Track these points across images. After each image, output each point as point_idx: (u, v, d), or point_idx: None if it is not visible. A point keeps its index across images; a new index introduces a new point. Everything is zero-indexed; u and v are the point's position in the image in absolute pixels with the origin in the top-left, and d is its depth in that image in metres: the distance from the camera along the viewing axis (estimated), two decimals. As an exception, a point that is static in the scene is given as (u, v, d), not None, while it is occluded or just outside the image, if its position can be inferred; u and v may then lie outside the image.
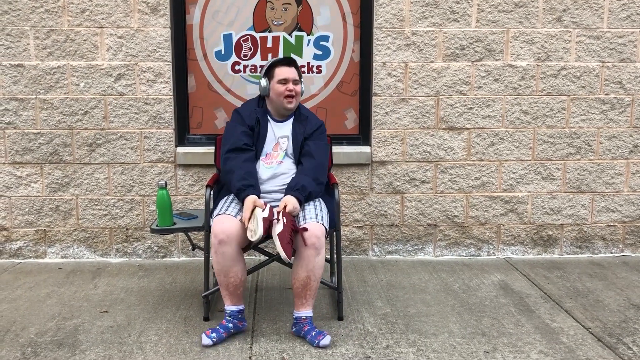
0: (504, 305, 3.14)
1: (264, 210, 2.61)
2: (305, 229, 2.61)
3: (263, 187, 2.81)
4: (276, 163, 2.86)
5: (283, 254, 2.52)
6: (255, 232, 2.54)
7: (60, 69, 3.72)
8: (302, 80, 2.96)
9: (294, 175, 2.84)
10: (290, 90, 2.84)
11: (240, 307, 2.74)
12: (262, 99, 2.99)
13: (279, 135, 2.91)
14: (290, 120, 2.95)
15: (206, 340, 2.63)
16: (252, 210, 2.62)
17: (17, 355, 2.57)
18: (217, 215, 2.70)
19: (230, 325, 2.71)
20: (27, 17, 3.67)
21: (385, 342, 2.71)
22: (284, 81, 2.85)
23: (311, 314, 2.73)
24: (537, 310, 3.08)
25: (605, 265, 3.85)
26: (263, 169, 2.84)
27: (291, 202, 2.67)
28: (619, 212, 4.02)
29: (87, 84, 3.75)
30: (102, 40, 3.71)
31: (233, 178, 2.74)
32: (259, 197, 2.71)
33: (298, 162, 2.88)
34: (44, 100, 3.75)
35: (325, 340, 2.64)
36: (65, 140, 3.79)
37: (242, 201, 2.70)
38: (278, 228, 2.57)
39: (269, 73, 2.90)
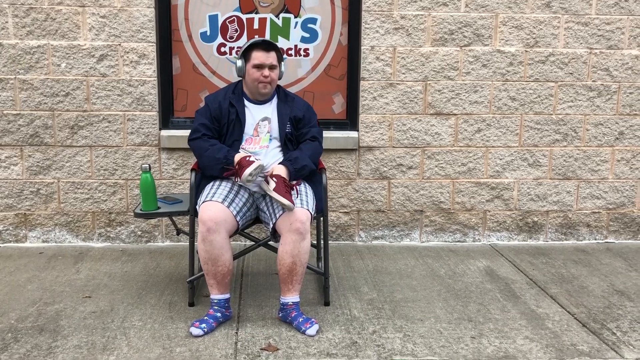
0: (489, 291, 3.15)
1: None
2: (299, 183, 2.67)
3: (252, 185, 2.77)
4: (259, 147, 2.79)
5: (287, 202, 2.52)
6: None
7: (41, 48, 3.62)
8: (282, 62, 2.88)
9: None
10: (265, 77, 2.77)
11: (227, 296, 2.71)
12: (238, 83, 2.93)
13: (259, 117, 2.85)
14: (273, 102, 2.90)
15: (197, 331, 2.57)
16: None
17: (-3, 341, 2.51)
18: (204, 201, 2.65)
19: (219, 314, 2.67)
20: (6, -5, 3.56)
21: (372, 327, 2.70)
22: (260, 66, 2.77)
23: (298, 300, 2.71)
24: (523, 296, 3.09)
25: (589, 251, 3.88)
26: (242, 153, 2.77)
27: (280, 169, 2.66)
28: (604, 199, 4.04)
29: (68, 64, 3.66)
30: (84, 20, 3.62)
31: (211, 152, 2.71)
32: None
33: (284, 145, 2.83)
34: (24, 80, 3.65)
35: (312, 330, 2.61)
36: (46, 122, 3.70)
37: (232, 164, 2.67)
38: (271, 185, 2.58)
39: (246, 54, 2.82)
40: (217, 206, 2.60)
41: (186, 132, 3.75)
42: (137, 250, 3.77)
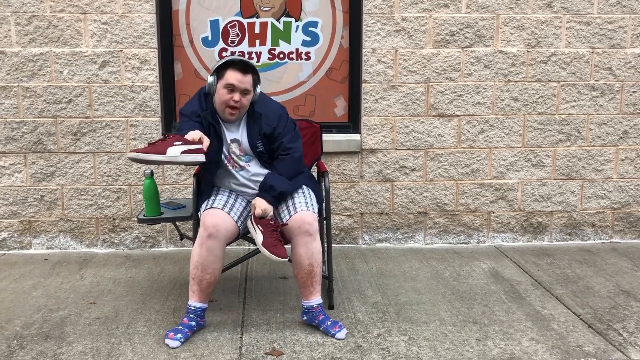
0: (494, 293, 3.14)
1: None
2: (286, 225, 2.58)
3: (250, 192, 2.75)
4: (239, 168, 2.72)
5: (278, 259, 2.46)
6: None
7: (43, 55, 3.64)
8: (257, 86, 2.65)
9: (268, 165, 2.74)
10: (235, 101, 2.56)
11: (205, 306, 2.65)
12: (207, 96, 2.69)
13: (230, 138, 2.70)
14: (242, 122, 2.70)
15: (174, 343, 2.52)
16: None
17: (2, 348, 2.52)
18: (207, 208, 2.64)
19: (194, 323, 2.62)
20: (8, 2, 3.57)
21: (377, 330, 2.69)
22: (231, 88, 2.56)
23: (321, 301, 2.69)
24: (528, 298, 3.08)
25: (594, 251, 3.87)
26: (235, 173, 2.73)
27: (259, 204, 2.58)
28: (608, 198, 4.03)
29: (70, 71, 3.67)
30: (86, 27, 3.63)
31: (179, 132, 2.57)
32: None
33: (262, 159, 2.72)
34: (27, 88, 3.67)
35: (341, 334, 2.60)
36: (49, 129, 3.72)
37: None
38: (258, 238, 2.51)
39: (219, 71, 2.60)
40: (219, 213, 2.59)
41: (189, 137, 3.76)
42: (141, 255, 3.78)
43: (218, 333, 2.66)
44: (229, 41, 3.82)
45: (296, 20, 3.82)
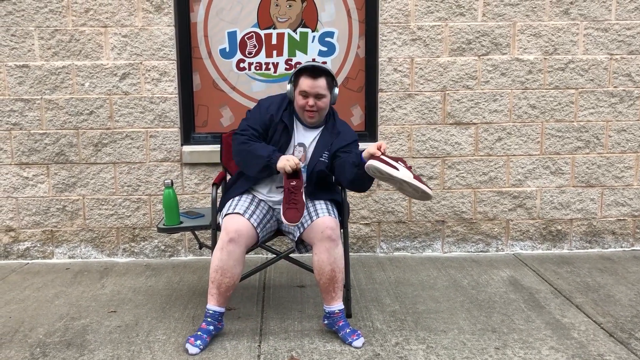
0: (513, 301, 3.12)
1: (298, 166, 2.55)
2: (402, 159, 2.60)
3: (275, 196, 2.78)
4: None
5: (427, 190, 2.46)
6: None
7: (65, 68, 3.72)
8: (334, 88, 2.74)
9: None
10: (310, 106, 2.67)
11: (222, 310, 2.66)
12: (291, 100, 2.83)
13: (298, 141, 2.78)
14: (319, 129, 2.80)
15: (193, 350, 2.55)
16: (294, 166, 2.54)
17: (25, 355, 2.56)
18: (228, 213, 2.67)
19: (212, 327, 2.64)
20: (32, 18, 3.66)
21: (395, 339, 2.69)
22: (305, 94, 2.68)
23: (342, 307, 2.71)
24: (548, 306, 3.05)
25: (615, 259, 3.82)
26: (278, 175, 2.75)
27: (371, 147, 2.55)
28: (629, 205, 3.98)
29: (92, 83, 3.74)
30: (107, 40, 3.71)
31: (255, 147, 2.63)
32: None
33: (315, 175, 2.74)
34: (50, 100, 3.75)
35: (358, 342, 2.61)
36: (71, 140, 3.79)
37: (275, 162, 2.58)
38: (404, 174, 2.46)
39: (295, 79, 2.73)
40: (240, 219, 2.62)
41: (207, 148, 3.81)
42: (160, 264, 3.82)
43: (237, 341, 2.68)
44: (247, 52, 3.87)
45: (312, 31, 3.86)
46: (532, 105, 3.86)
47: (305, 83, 2.67)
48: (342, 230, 2.91)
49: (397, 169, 2.47)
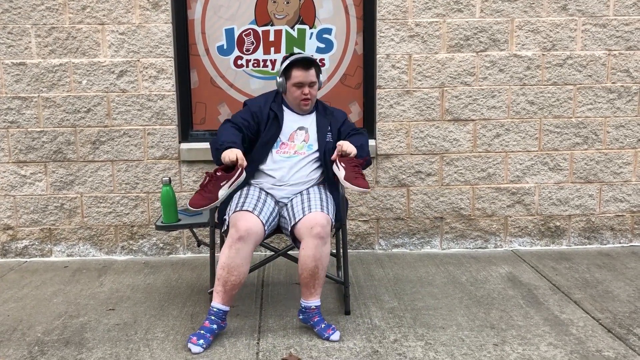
0: (512, 298, 3.12)
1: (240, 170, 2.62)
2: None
3: (282, 178, 2.82)
4: (294, 152, 2.86)
5: (359, 189, 2.59)
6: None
7: (62, 66, 3.71)
8: (320, 76, 2.95)
9: (318, 167, 2.88)
10: (305, 94, 2.86)
11: (227, 309, 2.66)
12: (278, 92, 3.00)
13: (296, 126, 2.92)
14: (312, 115, 2.98)
15: (196, 349, 2.55)
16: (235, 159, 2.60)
17: (24, 354, 2.56)
18: (238, 209, 2.67)
19: (215, 326, 2.63)
20: (28, 15, 3.65)
21: (393, 336, 2.69)
22: (300, 85, 2.85)
23: (319, 304, 2.71)
24: (546, 302, 3.06)
25: (614, 255, 3.82)
26: (276, 157, 2.84)
27: (345, 144, 2.74)
28: (627, 201, 3.98)
29: (89, 81, 3.73)
30: (104, 37, 3.69)
31: (221, 134, 2.77)
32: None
33: (323, 155, 2.87)
34: (47, 98, 3.74)
35: (335, 336, 2.63)
36: (69, 138, 3.78)
37: (223, 150, 2.65)
38: (340, 174, 2.67)
39: (286, 72, 2.88)
40: (251, 216, 2.61)
41: (205, 145, 3.80)
42: (159, 262, 3.82)
43: (235, 338, 2.68)
44: (244, 49, 3.86)
45: (310, 28, 3.85)
46: (531, 102, 3.85)
47: (299, 74, 2.84)
48: (340, 226, 2.91)
49: (339, 169, 2.71)
